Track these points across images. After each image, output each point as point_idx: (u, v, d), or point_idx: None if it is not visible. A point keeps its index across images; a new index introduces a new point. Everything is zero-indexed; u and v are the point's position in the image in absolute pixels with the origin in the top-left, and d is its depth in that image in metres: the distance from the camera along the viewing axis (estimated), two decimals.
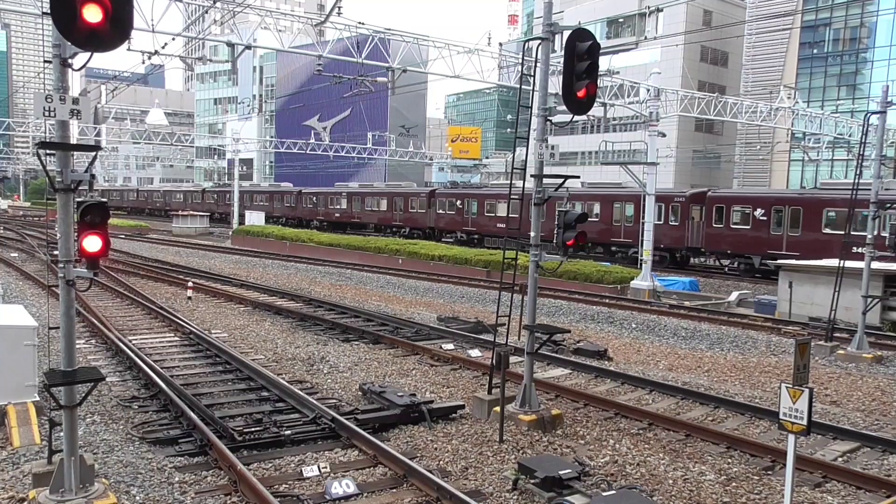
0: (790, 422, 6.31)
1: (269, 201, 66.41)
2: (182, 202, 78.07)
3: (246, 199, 67.37)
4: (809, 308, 19.20)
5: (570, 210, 9.91)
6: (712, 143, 59.63)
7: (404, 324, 17.55)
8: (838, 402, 12.01)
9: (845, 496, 7.91)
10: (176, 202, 79.71)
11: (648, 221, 25.22)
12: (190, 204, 75.27)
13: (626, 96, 28.17)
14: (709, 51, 61.30)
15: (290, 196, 63.58)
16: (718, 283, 28.54)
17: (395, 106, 78.70)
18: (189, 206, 74.04)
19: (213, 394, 11.23)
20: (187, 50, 34.03)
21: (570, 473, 7.74)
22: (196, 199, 76.70)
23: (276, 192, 66.62)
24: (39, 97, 6.21)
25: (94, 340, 15.18)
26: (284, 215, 63.27)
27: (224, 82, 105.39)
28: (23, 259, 31.71)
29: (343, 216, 56.05)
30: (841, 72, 55.84)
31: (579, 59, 9.41)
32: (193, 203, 75.39)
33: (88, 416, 9.79)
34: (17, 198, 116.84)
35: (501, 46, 59.65)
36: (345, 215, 55.79)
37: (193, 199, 77.04)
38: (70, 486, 6.71)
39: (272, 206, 65.20)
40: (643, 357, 15.54)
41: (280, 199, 64.87)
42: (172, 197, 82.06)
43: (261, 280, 27.12)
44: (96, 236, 6.38)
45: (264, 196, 68.21)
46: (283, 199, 64.15)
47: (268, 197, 67.44)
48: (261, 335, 16.41)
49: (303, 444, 9.07)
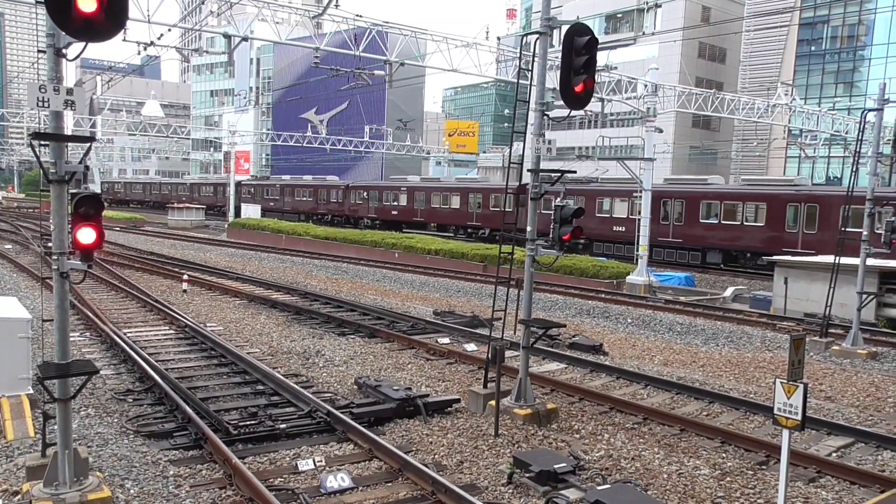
0: (785, 417, 6.32)
1: (313, 196, 59.30)
2: (212, 196, 71.18)
3: (285, 193, 62.08)
4: (805, 304, 19.26)
5: (566, 205, 9.90)
6: (709, 140, 59.66)
7: (400, 318, 17.54)
8: (833, 398, 12.05)
9: (839, 491, 7.93)
10: (205, 196, 72.90)
11: (644, 217, 25.26)
12: (219, 199, 68.67)
13: (623, 92, 28.15)
14: (707, 47, 61.24)
15: (335, 191, 57.01)
16: (714, 278, 28.60)
17: (393, 99, 78.52)
18: (218, 200, 68.34)
19: (208, 387, 11.20)
20: (184, 41, 33.85)
21: (565, 467, 7.76)
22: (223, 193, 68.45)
23: (321, 187, 59.21)
24: (33, 87, 6.16)
25: (88, 333, 15.13)
26: (330, 212, 56.93)
27: (221, 74, 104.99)
28: (17, 251, 31.59)
29: (402, 214, 49.88)
30: (838, 69, 55.86)
31: (577, 54, 9.39)
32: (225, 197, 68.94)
33: (83, 409, 9.76)
34: (12, 189, 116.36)
35: (499, 41, 59.41)
36: (404, 213, 49.65)
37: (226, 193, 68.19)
38: (64, 480, 6.69)
39: (316, 202, 58.61)
40: (638, 352, 15.57)
41: (325, 194, 57.87)
42: (199, 191, 74.90)
43: (256, 273, 27.07)
44: (90, 228, 6.36)
45: (307, 191, 60.69)
46: (329, 194, 57.38)
47: (311, 192, 59.95)
48: (256, 329, 16.38)
49: (298, 437, 9.06)
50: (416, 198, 48.80)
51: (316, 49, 23.44)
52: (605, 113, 29.00)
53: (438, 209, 47.40)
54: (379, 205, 51.87)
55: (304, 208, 60.09)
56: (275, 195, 63.89)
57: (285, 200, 62.10)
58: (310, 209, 58.66)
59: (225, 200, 64.10)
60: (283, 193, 62.43)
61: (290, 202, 61.74)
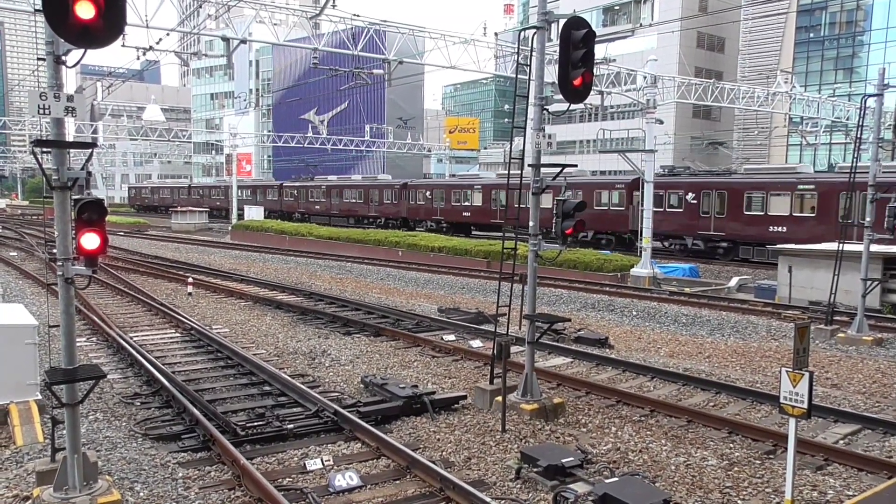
0: (791, 405, 6.32)
1: (363, 197, 53.23)
2: (265, 199, 65.09)
3: (332, 195, 56.25)
4: (809, 292, 19.23)
5: (568, 198, 9.91)
6: (710, 130, 59.52)
7: (405, 316, 17.56)
8: (839, 385, 12.04)
9: (847, 478, 7.94)
10: (246, 199, 66.22)
11: (647, 209, 25.22)
12: (265, 200, 63.81)
13: (622, 84, 28.11)
14: (705, 37, 61.10)
15: (389, 191, 50.98)
16: (718, 268, 28.55)
17: (393, 98, 78.46)
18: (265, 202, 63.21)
19: (215, 389, 11.24)
20: (182, 45, 33.87)
21: (573, 461, 7.77)
22: (272, 195, 64.18)
23: (372, 187, 53.10)
24: (34, 95, 6.18)
25: (94, 338, 15.19)
26: (383, 215, 51.08)
27: (220, 77, 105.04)
28: (22, 258, 31.69)
29: (475, 216, 43.53)
30: (838, 55, 55.68)
31: (575, 48, 9.37)
32: (268, 200, 63.50)
33: (91, 413, 9.81)
34: (15, 196, 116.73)
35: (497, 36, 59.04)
36: (478, 214, 43.32)
37: (268, 196, 64.59)
38: (74, 484, 6.72)
39: (367, 204, 52.68)
40: (644, 344, 15.57)
41: (378, 194, 51.85)
42: (261, 194, 67.10)
43: (261, 275, 27.12)
44: (94, 233, 6.37)
45: (356, 191, 54.39)
46: (382, 194, 51.44)
47: (361, 192, 53.80)
48: (262, 330, 16.42)
49: (305, 437, 9.09)
50: (492, 196, 42.07)
51: (314, 49, 23.46)
52: (605, 106, 28.98)
53: None
54: (446, 205, 45.60)
55: (353, 211, 54.33)
56: (319, 197, 57.87)
57: (332, 203, 56.21)
58: (359, 212, 53.28)
59: (281, 202, 61.23)
60: (330, 195, 56.31)
61: (338, 205, 55.81)
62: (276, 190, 64.14)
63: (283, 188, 63.24)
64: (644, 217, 25.42)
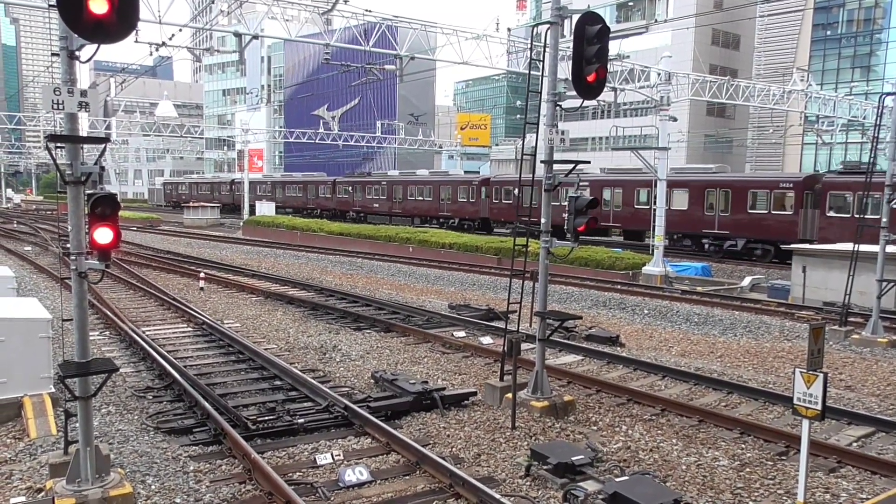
0: (804, 407, 6.26)
1: (433, 195, 47.82)
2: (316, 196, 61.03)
3: (394, 192, 51.48)
4: (823, 293, 19.05)
5: (580, 196, 9.86)
6: (724, 128, 59.10)
7: (415, 312, 17.57)
8: (853, 387, 11.92)
9: (860, 481, 7.86)
10: (291, 197, 63.90)
11: (660, 207, 25.09)
12: (317, 198, 60.17)
13: (636, 81, 27.95)
14: (720, 34, 60.61)
15: (466, 188, 45.09)
16: (731, 268, 28.35)
17: (404, 94, 78.56)
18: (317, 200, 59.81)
19: (226, 383, 11.29)
20: (195, 41, 34.02)
21: (583, 459, 7.74)
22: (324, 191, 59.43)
23: (444, 183, 47.15)
24: (48, 90, 6.21)
25: (107, 332, 15.30)
26: (457, 215, 45.34)
27: (232, 73, 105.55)
28: (36, 252, 31.98)
29: None
30: (855, 53, 55.09)
31: (589, 44, 9.31)
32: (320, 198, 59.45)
33: (103, 406, 9.88)
34: (30, 192, 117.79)
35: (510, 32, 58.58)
36: None
37: (320, 193, 60.20)
38: (86, 476, 6.77)
39: (437, 202, 47.18)
40: (655, 343, 15.49)
41: (451, 192, 46.15)
42: (312, 191, 62.06)
43: (272, 270, 27.22)
44: (107, 228, 6.40)
45: (424, 188, 48.81)
46: (455, 192, 45.86)
47: (429, 190, 48.20)
48: (273, 325, 16.48)
49: (316, 432, 9.11)
50: (603, 194, 35.94)
51: (326, 45, 23.46)
52: (618, 102, 28.81)
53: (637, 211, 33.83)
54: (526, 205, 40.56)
55: (420, 211, 49.24)
56: (378, 195, 53.14)
57: (394, 201, 51.52)
58: (428, 212, 48.25)
59: (334, 199, 57.30)
60: (391, 193, 51.53)
61: (401, 203, 50.86)
62: (329, 186, 59.25)
63: (337, 184, 58.57)
64: (656, 214, 25.29)
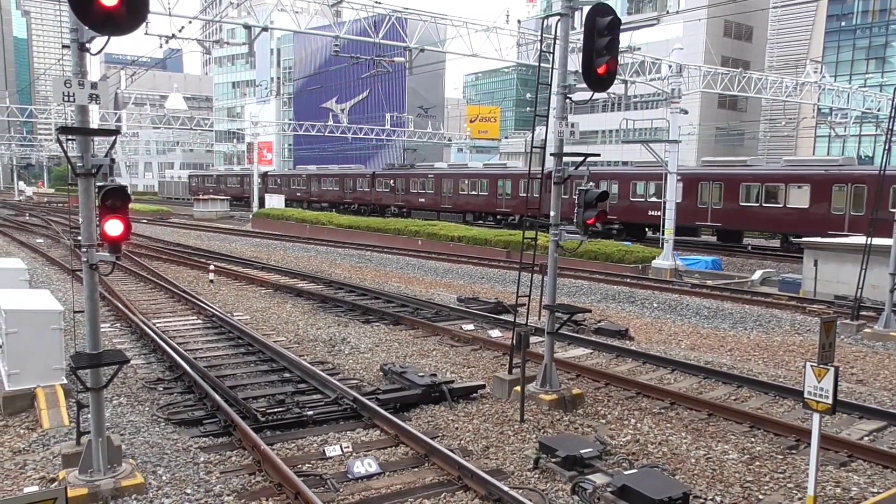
0: (815, 400, 6.23)
1: (489, 189, 43.12)
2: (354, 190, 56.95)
3: (440, 185, 47.10)
4: (835, 286, 18.90)
5: (590, 189, 9.81)
6: (736, 120, 58.68)
7: (424, 305, 17.58)
8: (864, 381, 11.84)
9: (871, 475, 7.81)
10: (327, 191, 59.89)
11: (670, 200, 24.97)
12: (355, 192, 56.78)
13: (647, 73, 27.77)
14: (733, 25, 60.11)
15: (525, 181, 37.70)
16: (742, 261, 28.21)
17: (413, 86, 78.35)
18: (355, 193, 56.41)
19: (236, 375, 11.35)
20: (204, 33, 34.03)
21: (592, 452, 7.74)
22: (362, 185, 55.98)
23: (502, 176, 42.64)
24: (58, 82, 6.24)
25: (118, 324, 15.40)
26: (516, 211, 40.56)
27: (242, 65, 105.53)
28: (48, 245, 32.21)
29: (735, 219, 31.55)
30: (870, 44, 54.48)
31: (599, 35, 9.25)
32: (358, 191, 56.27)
33: (115, 398, 9.96)
34: (42, 184, 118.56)
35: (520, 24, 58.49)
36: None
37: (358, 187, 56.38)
38: (98, 467, 6.83)
39: (493, 196, 42.86)
40: (665, 336, 15.43)
41: (510, 185, 41.31)
42: (349, 185, 57.72)
43: (281, 263, 27.30)
44: (117, 220, 6.44)
45: (481, 181, 44.00)
46: (517, 185, 40.71)
47: (487, 183, 43.48)
48: (282, 317, 16.54)
49: (325, 424, 9.15)
50: (743, 195, 30.69)
51: (335, 37, 23.46)
52: (629, 95, 28.63)
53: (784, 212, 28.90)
54: (621, 202, 35.10)
55: (476, 206, 44.69)
56: (426, 188, 49.22)
57: (443, 195, 47.57)
58: (484, 207, 44.25)
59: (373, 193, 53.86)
60: (440, 187, 47.71)
61: (451, 199, 46.66)
62: (368, 180, 55.43)
63: (376, 178, 54.73)
64: (666, 208, 25.17)
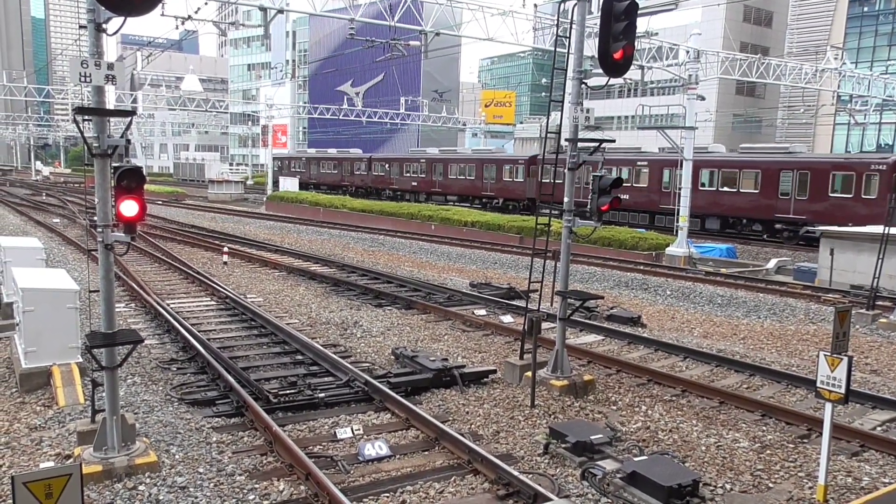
0: (828, 390, 6.20)
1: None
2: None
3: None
4: (851, 276, 18.73)
5: (604, 175, 9.76)
6: (753, 107, 57.96)
7: (437, 289, 17.61)
8: (879, 371, 11.75)
9: (883, 465, 7.77)
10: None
11: (685, 187, 24.77)
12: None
13: (664, 59, 27.43)
14: (752, 10, 59.18)
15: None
16: (757, 250, 27.99)
17: (429, 70, 78.01)
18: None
19: (248, 357, 11.45)
20: (220, 15, 34.04)
21: (602, 438, 7.75)
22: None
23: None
24: (75, 62, 6.26)
25: (133, 304, 15.56)
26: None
27: (257, 48, 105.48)
28: (64, 224, 32.53)
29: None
30: (892, 30, 53.54)
31: (616, 20, 9.16)
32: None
33: (129, 377, 10.08)
34: (59, 165, 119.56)
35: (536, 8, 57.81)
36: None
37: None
38: (112, 445, 6.93)
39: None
40: (677, 324, 15.38)
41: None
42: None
43: (295, 246, 27.42)
44: (133, 201, 6.47)
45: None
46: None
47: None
48: (295, 300, 16.63)
49: (336, 406, 9.22)
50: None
51: (351, 20, 23.33)
52: (645, 81, 28.33)
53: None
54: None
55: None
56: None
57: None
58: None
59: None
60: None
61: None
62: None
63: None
64: (681, 195, 24.97)
